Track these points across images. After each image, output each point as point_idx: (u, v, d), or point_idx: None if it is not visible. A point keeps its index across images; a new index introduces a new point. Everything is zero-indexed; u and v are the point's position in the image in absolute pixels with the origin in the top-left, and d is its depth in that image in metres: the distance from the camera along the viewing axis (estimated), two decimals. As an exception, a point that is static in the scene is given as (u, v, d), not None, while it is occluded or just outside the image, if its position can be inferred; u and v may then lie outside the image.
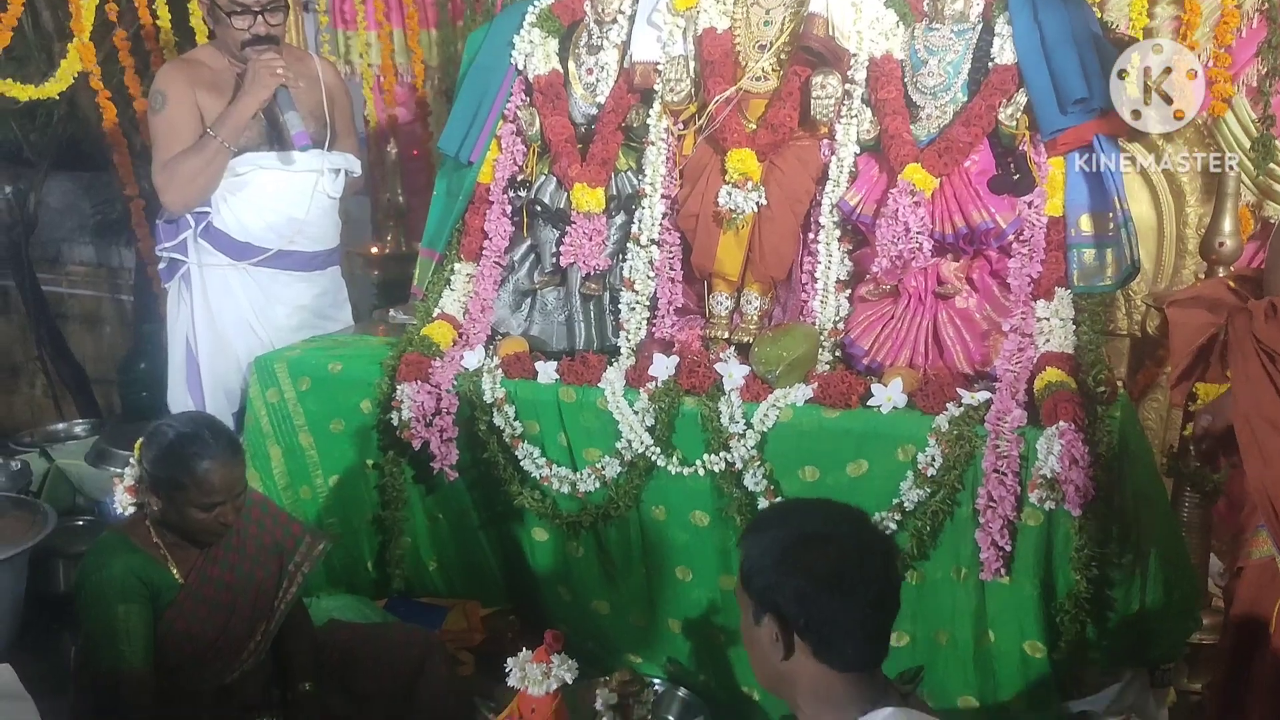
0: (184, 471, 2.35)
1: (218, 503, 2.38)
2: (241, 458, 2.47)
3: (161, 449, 2.38)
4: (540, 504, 2.95)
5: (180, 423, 2.45)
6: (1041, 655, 2.50)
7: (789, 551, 1.56)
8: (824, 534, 1.58)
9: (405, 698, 2.73)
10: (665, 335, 2.97)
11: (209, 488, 2.36)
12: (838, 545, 1.56)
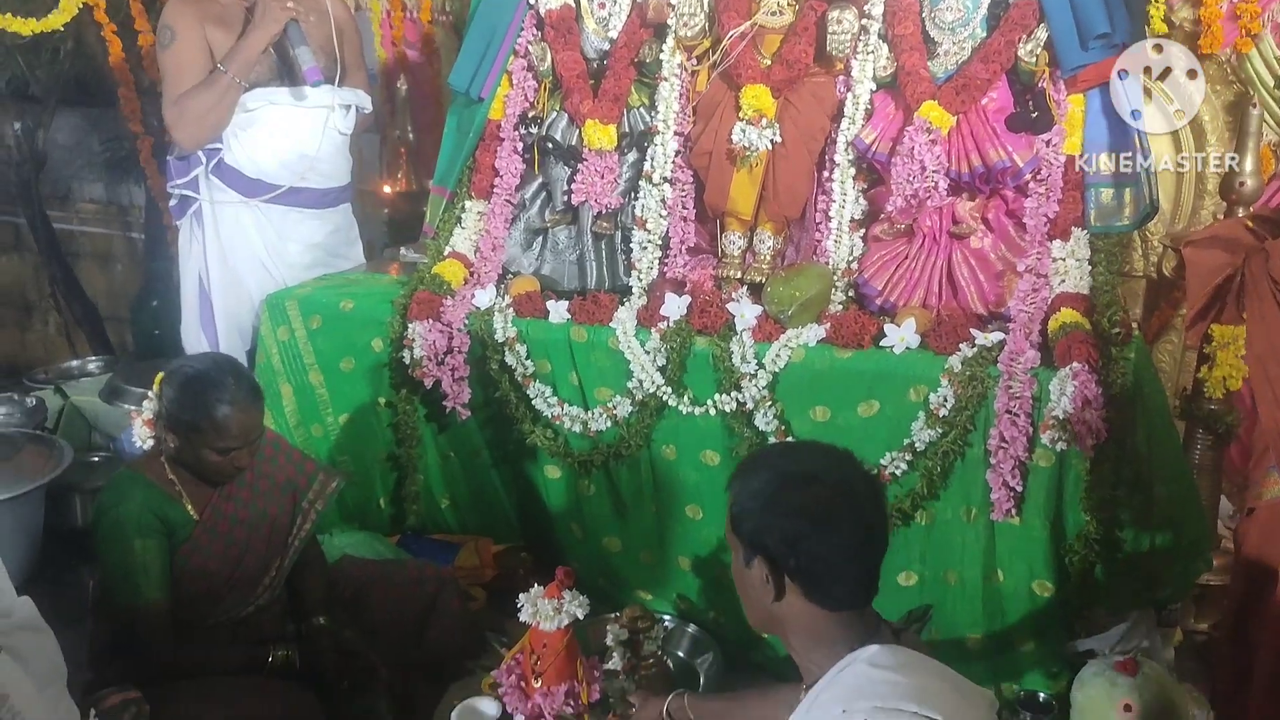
0: (202, 414, 2.36)
1: (233, 447, 2.39)
2: (261, 404, 2.47)
3: (181, 389, 2.38)
4: (552, 443, 2.97)
5: (203, 364, 2.45)
6: (1050, 595, 2.51)
7: (777, 494, 1.56)
8: (811, 475, 1.58)
9: (418, 632, 2.77)
10: (677, 275, 2.95)
11: (226, 432, 2.37)
12: (826, 486, 1.56)
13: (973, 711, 1.47)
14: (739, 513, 1.61)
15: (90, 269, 5.47)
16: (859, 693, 1.48)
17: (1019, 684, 2.56)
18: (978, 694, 1.53)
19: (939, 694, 1.45)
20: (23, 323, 5.65)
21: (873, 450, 2.58)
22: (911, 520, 2.57)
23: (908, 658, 1.52)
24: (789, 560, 1.55)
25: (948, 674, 1.54)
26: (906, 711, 1.42)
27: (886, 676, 1.48)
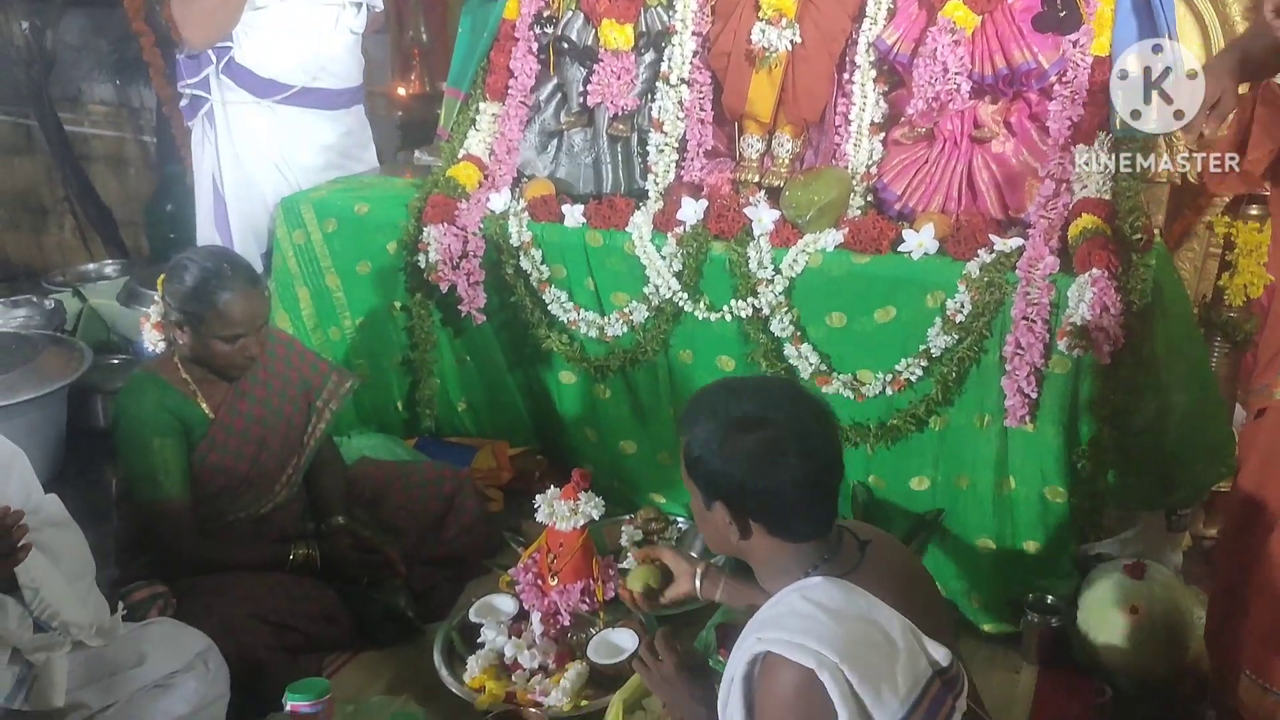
0: (205, 304, 2.39)
1: (240, 334, 2.42)
2: (261, 289, 2.50)
3: (182, 283, 2.41)
4: (568, 348, 2.98)
5: (199, 257, 2.48)
6: (1061, 500, 2.53)
7: (729, 440, 1.55)
8: (760, 415, 1.56)
9: (436, 531, 2.82)
10: (694, 178, 2.92)
11: (230, 319, 2.40)
12: (775, 427, 1.54)
13: (884, 663, 1.45)
14: (693, 460, 1.60)
15: (103, 172, 5.44)
16: (777, 623, 1.50)
17: (1028, 586, 2.60)
18: (914, 649, 1.49)
19: (851, 639, 1.44)
20: (38, 226, 5.65)
21: (888, 356, 2.58)
22: (925, 426, 2.58)
23: (844, 595, 1.52)
24: (747, 503, 1.57)
25: (883, 615, 1.51)
26: (809, 649, 1.43)
27: (809, 611, 1.49)
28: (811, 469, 1.55)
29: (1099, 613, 2.48)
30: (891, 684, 1.43)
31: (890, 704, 1.42)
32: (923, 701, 1.45)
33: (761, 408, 1.57)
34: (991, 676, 2.52)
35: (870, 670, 1.43)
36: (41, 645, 2.00)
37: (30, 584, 1.97)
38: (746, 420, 1.56)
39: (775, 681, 1.46)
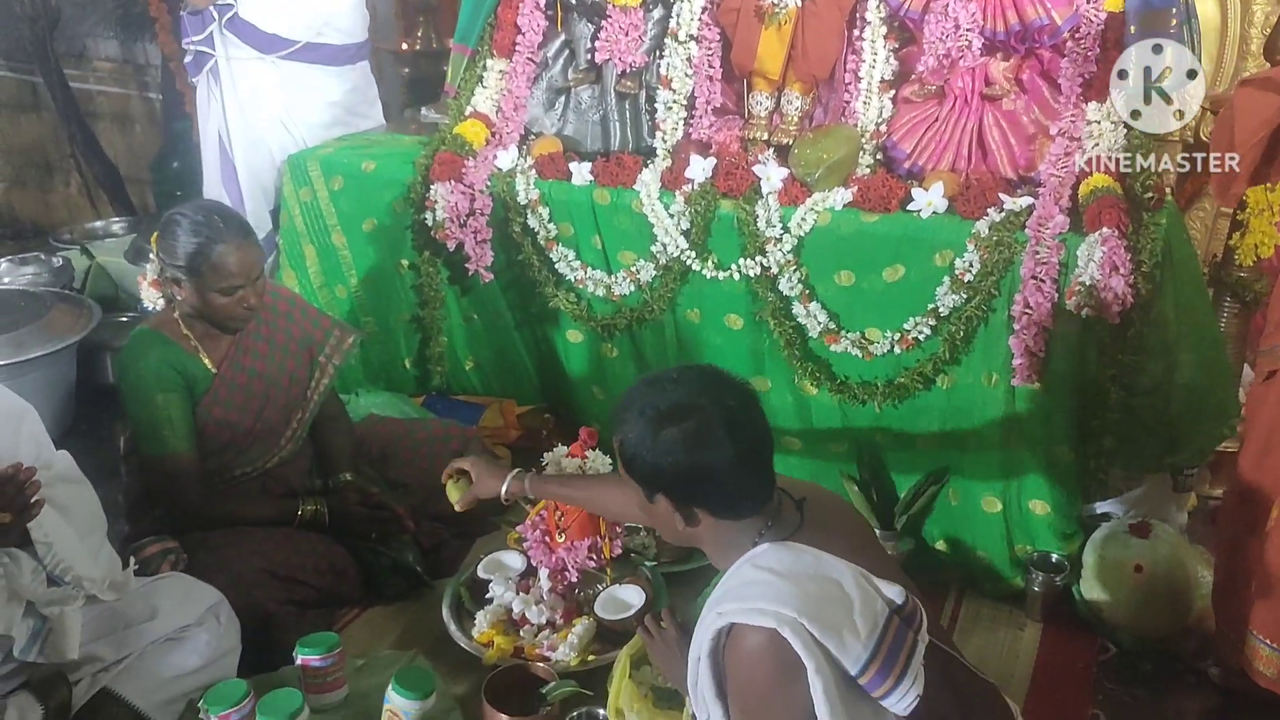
0: (200, 258, 2.39)
1: (237, 285, 2.42)
2: (254, 240, 2.50)
3: (176, 239, 2.42)
4: (575, 307, 2.98)
5: (190, 211, 2.47)
6: (1067, 460, 2.53)
7: (658, 435, 1.58)
8: (684, 406, 1.59)
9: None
10: (702, 136, 2.90)
11: (226, 271, 2.40)
12: (701, 414, 1.58)
13: (841, 611, 1.49)
14: (628, 459, 1.64)
15: (109, 129, 5.42)
16: (733, 595, 1.55)
17: (1033, 545, 2.61)
18: (868, 593, 1.53)
19: (805, 595, 1.49)
20: (45, 183, 5.64)
21: (896, 315, 2.58)
22: (933, 384, 2.58)
23: (791, 556, 1.56)
24: (687, 490, 1.61)
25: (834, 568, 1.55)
26: (768, 611, 1.47)
27: (761, 577, 1.53)
28: (743, 448, 1.59)
29: (1104, 571, 2.49)
30: (852, 629, 1.48)
31: (854, 648, 1.47)
32: (885, 640, 1.49)
33: (685, 397, 1.60)
34: (995, 634, 2.55)
35: (829, 620, 1.47)
36: (55, 599, 2.02)
37: (43, 539, 1.99)
38: (673, 411, 1.59)
39: (742, 649, 1.51)
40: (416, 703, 2.04)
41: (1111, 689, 2.39)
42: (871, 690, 1.49)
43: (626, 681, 2.12)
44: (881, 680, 1.48)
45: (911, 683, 1.49)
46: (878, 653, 1.48)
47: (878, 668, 1.47)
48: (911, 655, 1.51)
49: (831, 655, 1.46)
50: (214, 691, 2.03)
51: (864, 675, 1.47)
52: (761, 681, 1.50)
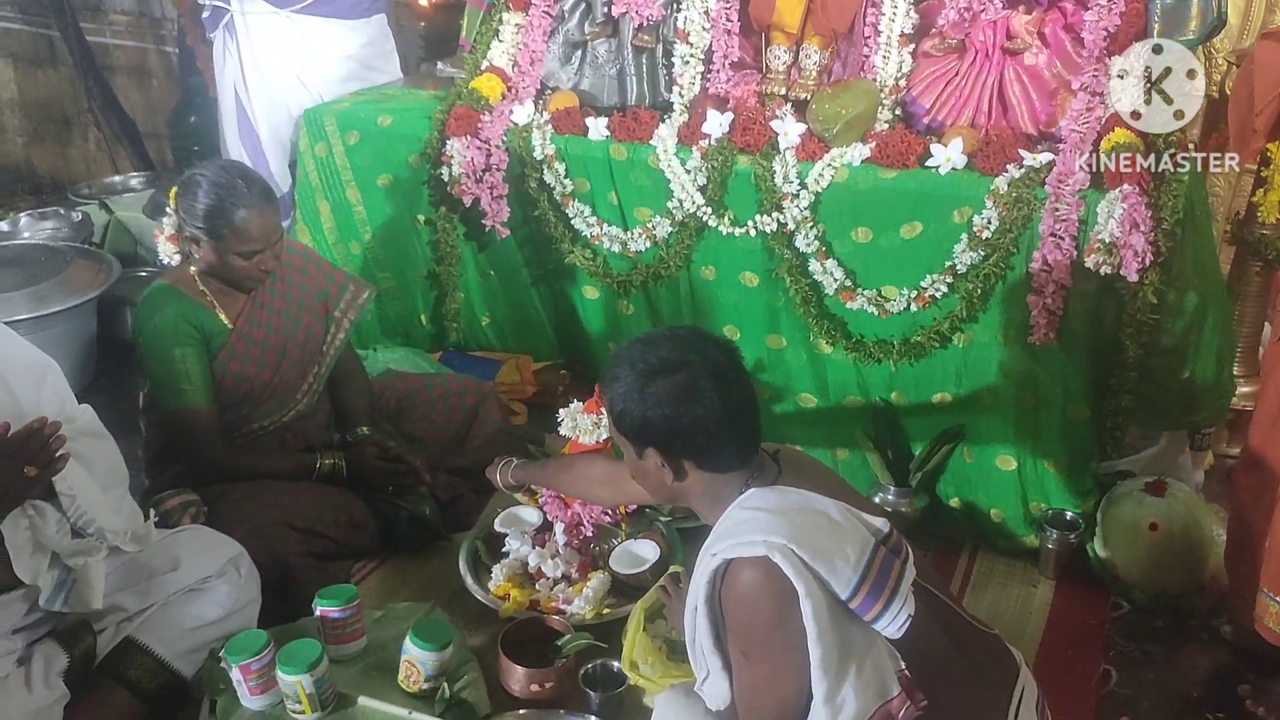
0: (221, 221, 2.39)
1: (257, 250, 2.42)
2: (275, 204, 2.50)
3: (196, 200, 2.41)
4: (591, 263, 2.97)
5: (212, 172, 2.45)
6: (1084, 418, 2.53)
7: (646, 390, 1.62)
8: (671, 361, 1.63)
9: (460, 441, 2.86)
10: (720, 91, 2.88)
11: (248, 236, 2.40)
12: (688, 370, 1.62)
13: (829, 537, 1.54)
14: (618, 415, 1.67)
15: (126, 84, 5.40)
16: (723, 534, 1.59)
17: (1047, 503, 2.61)
18: (854, 523, 1.59)
19: (794, 524, 1.54)
20: (63, 138, 5.64)
21: (913, 272, 2.56)
22: (949, 342, 2.57)
23: (777, 496, 1.61)
24: (675, 443, 1.64)
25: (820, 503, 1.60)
26: (757, 540, 1.52)
27: (750, 515, 1.58)
28: (729, 401, 1.62)
29: (1119, 529, 2.50)
30: (841, 554, 1.53)
31: (844, 571, 1.52)
32: (873, 565, 1.54)
33: (673, 352, 1.65)
34: (1008, 590, 2.56)
35: (818, 545, 1.52)
36: (79, 550, 2.05)
37: (67, 491, 2.01)
38: (661, 365, 1.64)
39: (737, 582, 1.55)
40: (434, 654, 2.07)
41: (1124, 645, 2.41)
42: (863, 613, 1.53)
43: (641, 635, 2.14)
44: (872, 602, 1.52)
45: (902, 604, 1.53)
46: (867, 576, 1.53)
47: (867, 590, 1.52)
48: (900, 580, 1.55)
49: (822, 579, 1.51)
50: (235, 641, 2.06)
51: (854, 599, 1.52)
52: (760, 617, 1.53)
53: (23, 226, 4.22)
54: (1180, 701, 2.27)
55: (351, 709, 2.08)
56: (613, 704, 2.11)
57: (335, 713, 2.06)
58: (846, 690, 1.53)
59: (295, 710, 2.03)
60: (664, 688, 1.92)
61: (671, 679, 2.01)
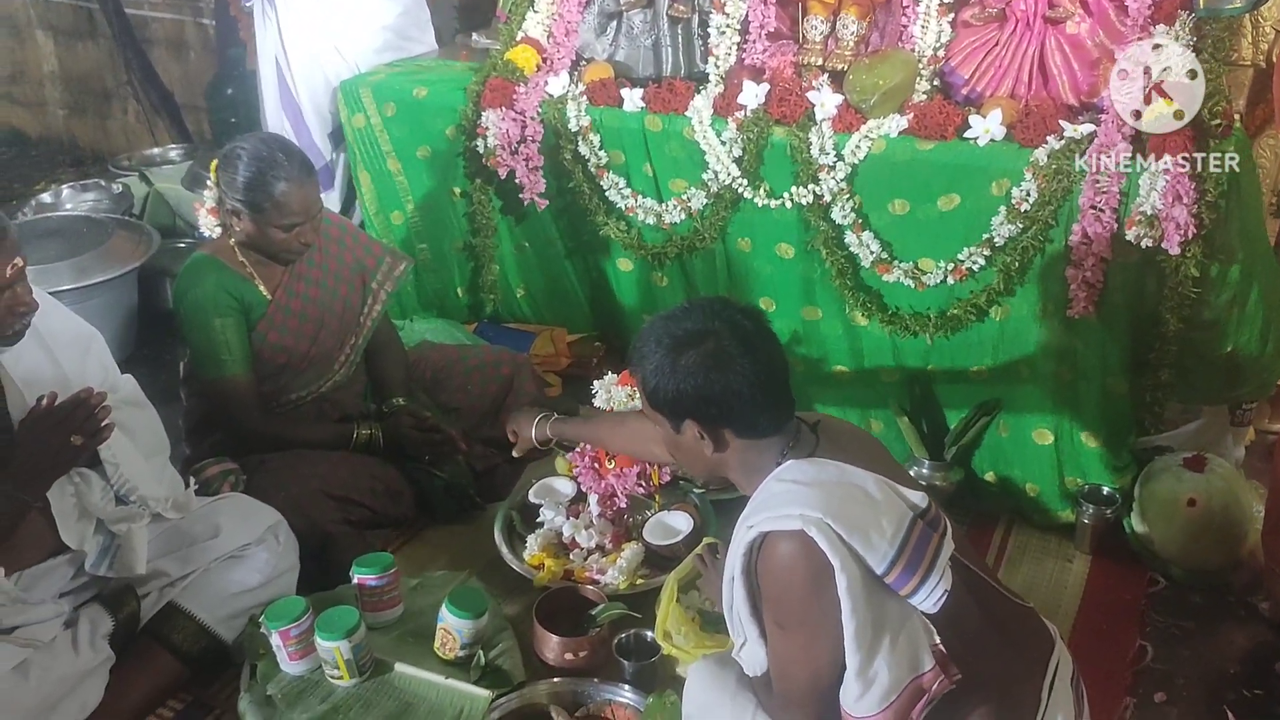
0: (262, 194, 2.41)
1: (297, 223, 2.44)
2: (315, 177, 2.52)
3: (237, 173, 2.43)
4: (625, 235, 2.97)
5: (253, 145, 2.47)
6: (1122, 392, 2.51)
7: (677, 363, 1.62)
8: (699, 331, 1.63)
9: (495, 412, 2.88)
10: (756, 61, 2.85)
11: (288, 209, 2.42)
12: (715, 338, 1.62)
13: (866, 512, 1.53)
14: (652, 391, 1.67)
15: (164, 56, 5.44)
16: (760, 506, 1.59)
17: (1084, 477, 2.60)
18: (891, 497, 1.58)
19: (830, 498, 1.53)
20: (103, 110, 5.69)
21: (950, 245, 2.54)
22: (986, 315, 2.55)
23: (814, 468, 1.61)
24: (711, 411, 1.64)
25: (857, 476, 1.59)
26: (793, 514, 1.51)
27: (786, 488, 1.58)
28: (760, 366, 1.62)
29: (1157, 505, 2.48)
30: (878, 529, 1.52)
31: (880, 546, 1.51)
32: (909, 540, 1.53)
33: (699, 323, 1.65)
34: (1043, 565, 2.55)
35: (854, 520, 1.51)
36: (123, 517, 2.10)
37: (111, 459, 2.06)
38: (689, 336, 1.64)
39: (773, 555, 1.55)
40: (470, 622, 2.09)
41: (1160, 621, 2.39)
42: (898, 588, 1.52)
43: (674, 605, 2.15)
44: (908, 578, 1.52)
45: (938, 580, 1.53)
46: (903, 550, 1.52)
47: (903, 565, 1.51)
48: (937, 555, 1.54)
49: (858, 554, 1.50)
50: (274, 607, 2.10)
51: (890, 573, 1.51)
52: (795, 590, 1.53)
53: (65, 198, 4.28)
54: (1217, 678, 2.25)
55: (388, 675, 2.11)
56: (646, 673, 2.13)
57: (372, 679, 2.10)
58: (879, 663, 1.53)
59: (334, 676, 2.07)
60: (697, 658, 1.94)
61: (704, 649, 2.02)
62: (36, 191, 4.71)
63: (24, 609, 1.99)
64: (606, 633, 2.20)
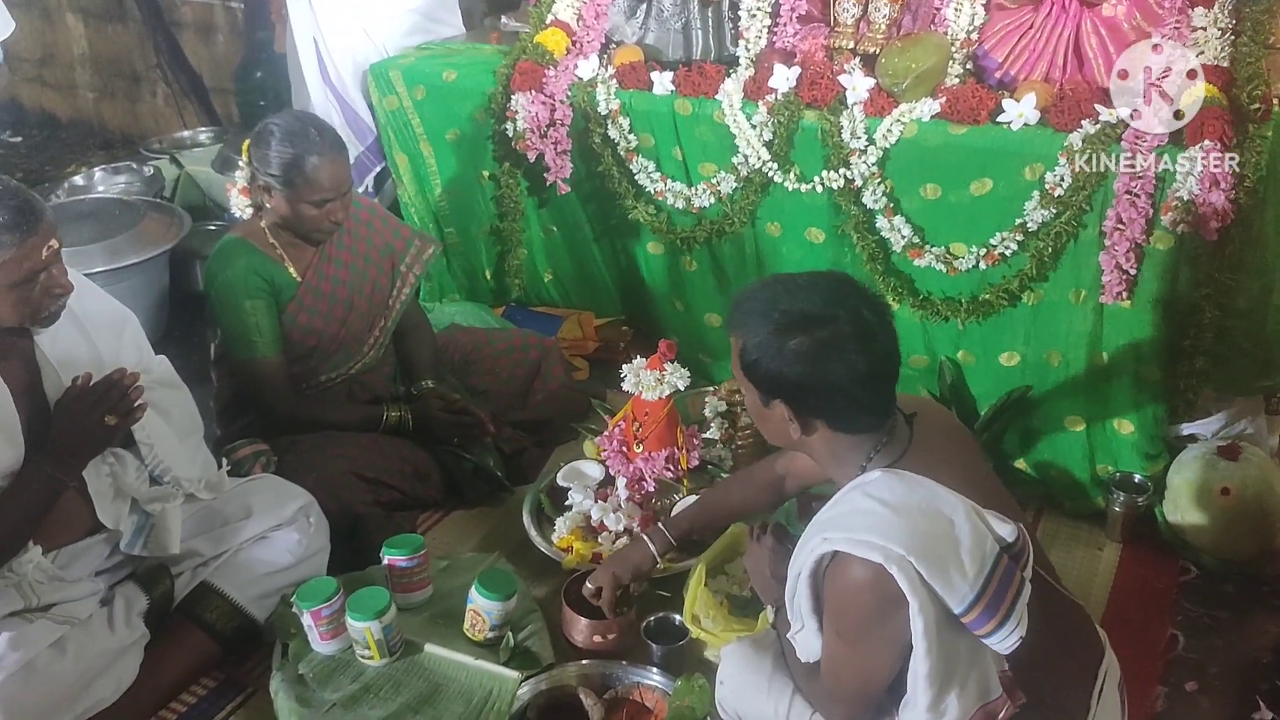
0: (294, 170, 2.42)
1: (328, 199, 2.45)
2: (346, 154, 2.53)
3: (270, 149, 2.44)
4: (654, 218, 2.97)
5: (286, 121, 2.49)
6: (1155, 379, 2.48)
7: (785, 344, 1.51)
8: (818, 316, 1.51)
9: (523, 395, 2.89)
10: (787, 44, 2.84)
11: (319, 185, 2.43)
12: (835, 323, 1.51)
13: (950, 550, 1.44)
14: (750, 359, 1.56)
15: (192, 39, 5.46)
16: (840, 523, 1.50)
17: (1116, 465, 2.58)
18: (979, 529, 1.47)
19: (915, 531, 1.44)
20: (132, 93, 5.72)
21: (982, 229, 2.52)
22: (1018, 301, 2.53)
23: (905, 487, 1.50)
24: (809, 401, 1.54)
25: (946, 503, 1.49)
26: (876, 545, 1.43)
27: (871, 508, 1.48)
28: (873, 362, 1.52)
29: (1189, 493, 2.46)
30: (959, 569, 1.43)
31: (960, 588, 1.43)
32: (992, 580, 1.45)
33: (820, 304, 1.53)
34: (1073, 553, 2.53)
35: (937, 559, 1.43)
36: (157, 496, 2.12)
37: (145, 440, 2.08)
38: (806, 318, 1.52)
39: (845, 578, 1.48)
40: (499, 603, 2.11)
41: (1191, 610, 2.38)
42: (975, 629, 1.46)
43: (702, 589, 2.16)
44: (986, 620, 1.44)
45: (1015, 624, 1.45)
46: (984, 593, 1.43)
47: (982, 608, 1.44)
48: (1018, 596, 1.46)
49: (936, 594, 1.43)
50: (305, 588, 2.11)
51: (968, 615, 1.44)
52: (861, 612, 1.49)
53: (97, 180, 4.31)
54: (1249, 667, 2.23)
55: (418, 656, 2.12)
56: (674, 657, 2.13)
57: (403, 659, 2.11)
58: (951, 699, 1.49)
59: (364, 656, 2.09)
60: (725, 642, 1.94)
61: (732, 633, 2.02)
62: (68, 174, 4.74)
63: (62, 587, 2.02)
64: (635, 616, 2.20)
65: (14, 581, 1.96)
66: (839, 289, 1.56)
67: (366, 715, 1.99)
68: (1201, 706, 2.15)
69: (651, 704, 2.05)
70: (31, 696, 1.88)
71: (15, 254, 1.81)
